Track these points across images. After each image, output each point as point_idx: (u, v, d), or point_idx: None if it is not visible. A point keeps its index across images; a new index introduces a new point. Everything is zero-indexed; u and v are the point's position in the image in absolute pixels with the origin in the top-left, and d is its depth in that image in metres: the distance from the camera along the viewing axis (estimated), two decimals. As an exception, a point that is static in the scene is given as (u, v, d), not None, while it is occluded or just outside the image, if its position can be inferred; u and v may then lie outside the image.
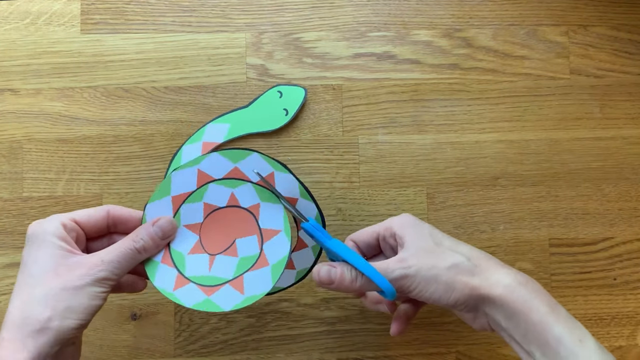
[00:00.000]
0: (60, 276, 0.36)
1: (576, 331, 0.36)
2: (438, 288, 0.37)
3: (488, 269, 0.38)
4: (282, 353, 0.52)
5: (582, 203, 0.54)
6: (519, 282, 0.37)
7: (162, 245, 0.40)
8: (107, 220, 0.41)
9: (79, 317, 0.36)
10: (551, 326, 0.35)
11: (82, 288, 0.36)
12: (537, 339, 0.36)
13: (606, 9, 0.55)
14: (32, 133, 0.52)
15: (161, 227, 0.40)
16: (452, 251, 0.39)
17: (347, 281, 0.38)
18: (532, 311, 0.36)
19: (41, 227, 0.38)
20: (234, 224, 0.42)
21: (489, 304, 0.37)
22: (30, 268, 0.37)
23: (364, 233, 0.43)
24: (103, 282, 0.37)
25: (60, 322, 0.35)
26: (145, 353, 0.51)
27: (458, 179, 0.53)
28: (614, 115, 0.54)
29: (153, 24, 0.53)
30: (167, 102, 0.53)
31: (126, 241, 0.39)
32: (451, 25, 0.54)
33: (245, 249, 0.41)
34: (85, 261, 0.37)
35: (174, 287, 0.40)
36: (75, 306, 0.36)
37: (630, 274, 0.53)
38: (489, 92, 0.54)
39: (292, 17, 0.54)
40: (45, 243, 0.37)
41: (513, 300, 0.36)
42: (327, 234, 0.40)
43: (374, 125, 0.53)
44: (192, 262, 0.41)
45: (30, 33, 0.53)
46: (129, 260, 0.38)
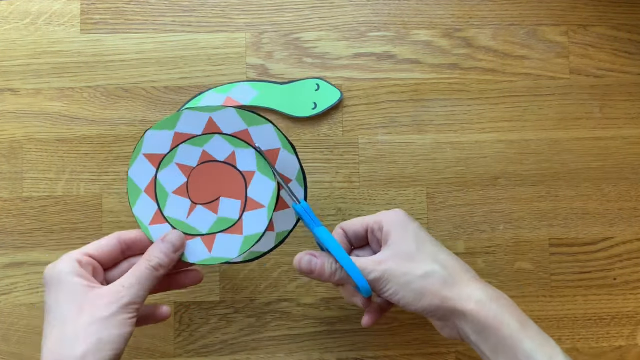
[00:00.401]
0: (86, 311, 0.36)
1: (547, 347, 0.36)
2: (408, 294, 0.38)
3: (462, 281, 0.38)
4: (282, 353, 0.52)
5: (582, 203, 0.54)
6: (491, 297, 0.38)
7: (176, 258, 0.41)
8: (120, 246, 0.41)
9: (112, 347, 0.36)
10: (521, 342, 0.36)
11: (109, 318, 0.36)
12: (506, 354, 0.36)
13: (606, 9, 0.55)
14: (32, 133, 0.52)
15: (171, 242, 0.40)
16: (431, 259, 0.39)
17: (326, 274, 0.40)
18: (503, 326, 0.36)
19: (56, 269, 0.38)
20: (224, 181, 0.42)
21: (459, 317, 0.38)
22: (55, 311, 0.37)
23: (354, 223, 0.43)
24: (128, 307, 0.37)
25: (95, 356, 0.35)
26: (145, 353, 0.51)
27: (458, 179, 0.53)
28: (614, 115, 0.54)
29: (153, 24, 0.53)
30: (167, 102, 0.53)
31: (141, 263, 0.39)
32: (451, 25, 0.54)
33: (227, 210, 0.42)
34: (107, 292, 0.37)
35: (150, 222, 0.41)
36: (107, 337, 0.36)
37: (630, 274, 0.53)
38: (489, 92, 0.54)
39: (292, 17, 0.54)
40: (63, 284, 0.37)
41: (484, 315, 0.37)
42: (317, 220, 0.41)
43: (374, 125, 0.53)
44: (174, 203, 0.42)
45: (30, 33, 0.53)
46: (148, 280, 0.38)
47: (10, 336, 0.51)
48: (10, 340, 0.51)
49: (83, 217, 0.52)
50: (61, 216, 0.52)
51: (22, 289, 0.51)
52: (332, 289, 0.52)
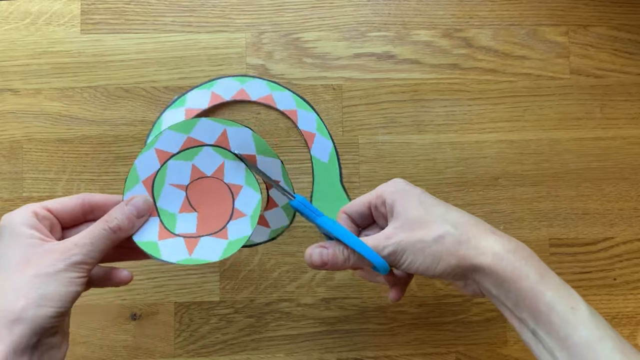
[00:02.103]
0: (33, 264, 0.35)
1: (568, 297, 0.35)
2: (425, 261, 0.37)
3: (477, 236, 0.37)
4: (282, 353, 0.52)
5: (582, 203, 0.54)
6: (509, 249, 0.37)
7: (139, 224, 0.39)
8: (83, 207, 0.39)
9: (55, 304, 0.34)
10: (542, 294, 0.35)
11: (56, 274, 0.35)
12: (528, 306, 0.35)
13: (606, 9, 0.55)
14: (32, 133, 0.52)
15: (135, 205, 0.39)
16: (441, 220, 0.38)
17: (339, 261, 0.38)
18: (522, 279, 0.35)
19: (11, 218, 0.37)
20: (213, 194, 0.41)
21: (478, 273, 0.37)
22: (2, 260, 0.36)
23: (356, 204, 0.42)
24: (78, 266, 0.35)
25: (35, 311, 0.34)
26: (145, 353, 0.51)
27: (458, 179, 0.53)
28: (614, 115, 0.54)
29: (153, 24, 0.53)
30: (167, 102, 0.53)
31: (99, 223, 0.37)
32: (451, 25, 0.54)
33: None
34: (57, 247, 0.36)
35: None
36: (50, 293, 0.34)
37: (630, 274, 0.53)
38: (489, 92, 0.54)
39: (292, 17, 0.54)
40: (15, 234, 0.36)
41: (502, 268, 0.36)
42: (317, 210, 0.40)
43: (374, 125, 0.53)
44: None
45: (30, 33, 0.53)
46: (104, 242, 0.37)
47: (10, 336, 0.51)
48: (10, 340, 0.51)
49: (83, 217, 0.52)
50: (61, 216, 0.52)
51: (22, 289, 0.51)
52: (332, 289, 0.52)
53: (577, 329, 0.34)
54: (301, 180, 0.53)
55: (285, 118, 0.53)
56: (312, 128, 0.52)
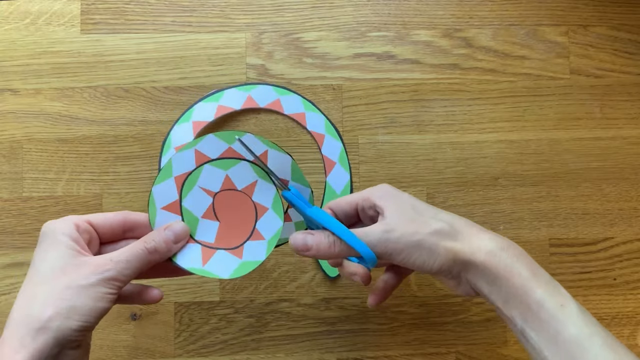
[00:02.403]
0: (67, 275, 0.35)
1: (557, 295, 0.36)
2: (422, 254, 0.37)
3: (470, 234, 0.38)
4: (282, 353, 0.52)
5: (582, 203, 0.54)
6: (501, 247, 0.37)
7: (175, 249, 0.39)
8: (124, 225, 0.40)
9: (81, 318, 0.34)
10: (532, 290, 0.35)
11: (87, 288, 0.35)
12: (518, 303, 0.36)
13: (606, 9, 0.55)
14: (32, 133, 0.52)
15: (174, 231, 0.39)
16: (434, 218, 0.38)
17: (324, 247, 0.38)
18: (514, 276, 0.36)
19: (53, 226, 0.37)
20: (238, 208, 0.41)
21: (471, 270, 0.37)
22: (38, 266, 0.36)
23: (342, 202, 0.42)
24: (110, 282, 0.36)
25: (61, 322, 0.34)
26: (145, 353, 0.51)
27: (458, 179, 0.53)
28: (614, 115, 0.54)
29: (153, 24, 0.53)
30: (167, 102, 0.53)
31: (138, 243, 0.38)
32: (451, 25, 0.54)
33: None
34: (93, 261, 0.36)
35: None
36: (79, 306, 0.34)
37: (630, 274, 0.53)
38: (489, 92, 0.54)
39: (292, 17, 0.54)
40: (55, 242, 0.36)
41: (495, 265, 0.36)
42: (308, 203, 0.40)
43: (374, 125, 0.53)
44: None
45: (30, 33, 0.53)
46: (139, 261, 0.37)
47: (10, 336, 0.51)
48: (10, 340, 0.51)
49: (83, 217, 0.52)
50: (61, 216, 0.52)
51: (22, 289, 0.51)
52: (332, 289, 0.52)
53: (566, 326, 0.34)
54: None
55: (292, 120, 0.53)
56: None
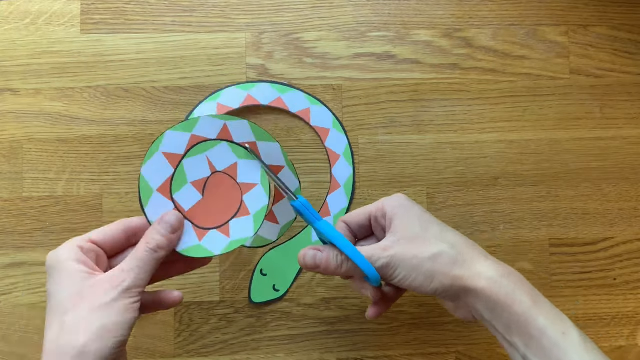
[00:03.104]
0: (87, 299, 0.35)
1: (559, 323, 0.36)
2: (418, 277, 0.37)
3: (472, 259, 0.38)
4: (282, 353, 0.52)
5: (582, 203, 0.54)
6: (502, 274, 0.37)
7: (175, 239, 0.39)
8: (126, 233, 0.40)
9: (114, 334, 0.35)
10: (534, 318, 0.35)
11: (111, 304, 0.35)
12: (520, 330, 0.36)
13: (606, 9, 0.55)
14: (32, 133, 0.52)
15: (169, 223, 0.39)
16: (437, 239, 0.38)
17: (332, 266, 0.39)
18: (515, 303, 0.36)
19: (57, 255, 0.37)
20: (224, 192, 0.41)
21: (471, 296, 0.37)
22: (55, 298, 0.36)
23: (356, 214, 0.42)
24: (130, 292, 0.36)
25: (97, 345, 0.34)
26: (145, 353, 0.51)
27: (458, 179, 0.53)
28: (614, 115, 0.54)
29: (153, 24, 0.53)
30: (167, 102, 0.53)
31: (140, 246, 0.38)
32: (451, 25, 0.54)
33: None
34: (106, 277, 0.36)
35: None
36: (109, 324, 0.34)
37: (630, 274, 0.53)
38: (489, 92, 0.54)
39: (292, 17, 0.54)
40: (64, 270, 0.36)
41: (496, 292, 0.36)
42: (317, 214, 0.40)
43: (374, 125, 0.53)
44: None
45: (30, 33, 0.53)
46: (149, 263, 0.37)
47: (10, 336, 0.51)
48: (10, 340, 0.51)
49: (83, 217, 0.52)
50: (61, 216, 0.52)
51: (22, 289, 0.51)
52: (332, 289, 0.52)
53: (568, 354, 0.34)
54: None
55: (294, 119, 0.53)
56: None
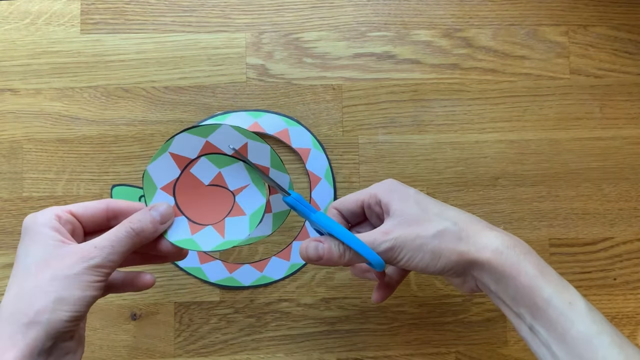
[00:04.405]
0: (51, 266, 0.34)
1: (566, 293, 0.35)
2: (424, 257, 0.37)
3: (475, 232, 0.37)
4: (282, 353, 0.52)
5: (582, 203, 0.54)
6: (507, 245, 0.37)
7: (161, 230, 0.38)
8: (107, 213, 0.39)
9: (71, 308, 0.33)
10: (540, 289, 0.35)
11: (73, 277, 0.34)
12: (526, 301, 0.35)
13: (606, 9, 0.55)
14: (32, 133, 0.52)
15: (159, 211, 0.38)
16: (439, 216, 0.38)
17: (335, 256, 0.38)
18: (521, 274, 0.36)
19: (34, 219, 0.36)
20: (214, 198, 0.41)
21: (477, 268, 0.37)
22: (22, 261, 0.35)
23: (348, 201, 0.41)
24: (96, 269, 0.35)
25: (50, 315, 0.33)
26: (145, 353, 0.51)
27: (458, 179, 0.53)
28: (614, 115, 0.54)
29: (153, 24, 0.53)
30: (167, 102, 0.53)
31: (121, 226, 0.36)
32: (451, 25, 0.54)
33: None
34: (76, 249, 0.35)
35: None
36: (67, 297, 0.33)
37: (630, 274, 0.53)
38: (489, 92, 0.54)
39: (292, 17, 0.54)
40: (37, 235, 0.35)
41: (501, 263, 0.36)
42: (311, 207, 0.40)
43: (374, 125, 0.53)
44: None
45: (30, 33, 0.53)
46: (125, 245, 0.36)
47: (10, 336, 0.51)
48: (10, 340, 0.51)
49: (83, 217, 0.52)
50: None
51: (22, 289, 0.51)
52: (332, 289, 0.52)
53: (575, 324, 0.34)
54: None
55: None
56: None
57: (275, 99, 0.53)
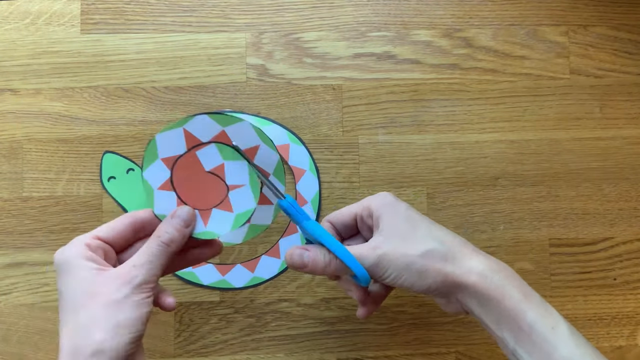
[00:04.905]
0: (99, 295, 0.35)
1: (549, 317, 0.36)
2: (411, 275, 0.37)
3: (462, 255, 0.38)
4: (282, 353, 0.52)
5: (582, 203, 0.54)
6: (493, 269, 0.37)
7: (188, 233, 0.39)
8: (134, 227, 0.39)
9: (130, 330, 0.34)
10: (524, 313, 0.35)
11: (124, 300, 0.35)
12: (509, 325, 0.36)
13: (606, 9, 0.55)
14: (32, 133, 0.52)
15: (181, 217, 0.38)
16: (426, 236, 0.38)
17: (319, 265, 0.38)
18: (505, 298, 0.36)
19: (64, 254, 0.36)
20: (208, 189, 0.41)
21: (462, 291, 0.37)
22: (66, 296, 0.35)
23: (341, 214, 0.42)
24: (142, 287, 0.35)
25: (112, 342, 0.34)
26: (145, 353, 0.51)
27: (458, 179, 0.53)
28: (614, 115, 0.54)
29: (153, 24, 0.53)
30: (167, 102, 0.53)
31: (152, 240, 0.37)
32: (451, 25, 0.54)
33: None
34: (117, 273, 0.36)
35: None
36: (123, 320, 0.34)
37: (630, 274, 0.53)
38: (489, 92, 0.54)
39: (292, 17, 0.54)
40: (73, 269, 0.36)
41: (486, 287, 0.36)
42: (305, 214, 0.40)
43: (374, 125, 0.53)
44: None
45: (30, 33, 0.53)
46: (160, 258, 0.37)
47: (10, 336, 0.51)
48: (10, 340, 0.51)
49: (83, 217, 0.52)
50: (61, 216, 0.52)
51: (22, 289, 0.51)
52: (332, 289, 0.52)
53: (557, 349, 0.35)
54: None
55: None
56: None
57: (275, 99, 0.53)
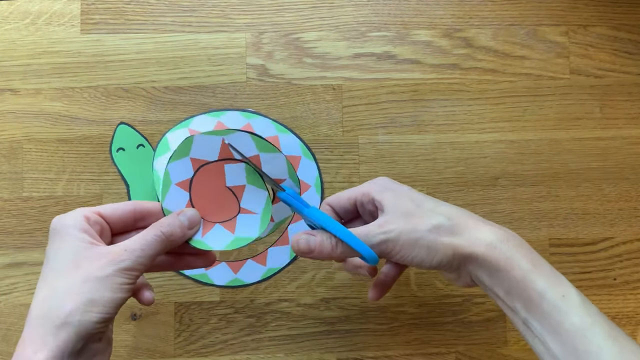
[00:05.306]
0: (82, 268, 0.34)
1: (559, 286, 0.35)
2: (420, 251, 0.37)
3: (469, 227, 0.37)
4: (282, 353, 0.52)
5: (582, 203, 0.54)
6: (501, 238, 0.37)
7: (189, 235, 0.39)
8: (135, 214, 0.39)
9: (101, 310, 0.34)
10: (534, 282, 0.35)
11: (104, 279, 0.34)
12: (520, 295, 0.35)
13: (606, 9, 0.55)
14: (32, 133, 0.52)
15: (187, 217, 0.38)
16: (433, 212, 0.38)
17: (326, 249, 0.38)
18: (514, 268, 0.36)
19: (62, 220, 0.36)
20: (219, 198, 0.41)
21: (471, 263, 0.37)
22: (52, 262, 0.35)
23: (340, 198, 0.42)
24: (126, 272, 0.35)
25: (81, 316, 0.33)
26: (145, 353, 0.51)
27: (458, 179, 0.53)
28: (614, 115, 0.54)
29: (153, 24, 0.53)
30: (167, 102, 0.53)
31: (151, 229, 0.37)
32: (451, 25, 0.54)
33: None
34: (107, 251, 0.35)
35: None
36: (97, 299, 0.34)
37: (630, 274, 0.53)
38: (489, 92, 0.54)
39: (292, 17, 0.54)
40: (66, 236, 0.35)
41: (495, 257, 0.36)
42: (305, 202, 0.39)
43: (374, 125, 0.53)
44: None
45: (30, 33, 0.53)
46: (155, 249, 0.36)
47: (10, 336, 0.51)
48: (10, 340, 0.51)
49: (83, 217, 0.52)
50: (61, 216, 0.52)
51: (22, 289, 0.51)
52: (332, 289, 0.52)
53: (568, 316, 0.34)
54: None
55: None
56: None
57: (275, 99, 0.53)
